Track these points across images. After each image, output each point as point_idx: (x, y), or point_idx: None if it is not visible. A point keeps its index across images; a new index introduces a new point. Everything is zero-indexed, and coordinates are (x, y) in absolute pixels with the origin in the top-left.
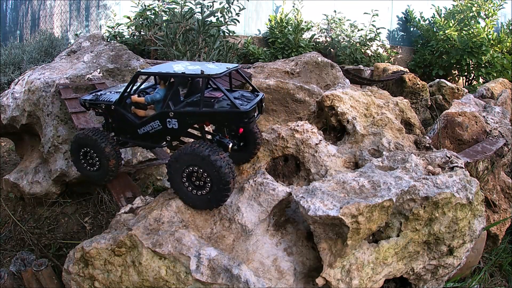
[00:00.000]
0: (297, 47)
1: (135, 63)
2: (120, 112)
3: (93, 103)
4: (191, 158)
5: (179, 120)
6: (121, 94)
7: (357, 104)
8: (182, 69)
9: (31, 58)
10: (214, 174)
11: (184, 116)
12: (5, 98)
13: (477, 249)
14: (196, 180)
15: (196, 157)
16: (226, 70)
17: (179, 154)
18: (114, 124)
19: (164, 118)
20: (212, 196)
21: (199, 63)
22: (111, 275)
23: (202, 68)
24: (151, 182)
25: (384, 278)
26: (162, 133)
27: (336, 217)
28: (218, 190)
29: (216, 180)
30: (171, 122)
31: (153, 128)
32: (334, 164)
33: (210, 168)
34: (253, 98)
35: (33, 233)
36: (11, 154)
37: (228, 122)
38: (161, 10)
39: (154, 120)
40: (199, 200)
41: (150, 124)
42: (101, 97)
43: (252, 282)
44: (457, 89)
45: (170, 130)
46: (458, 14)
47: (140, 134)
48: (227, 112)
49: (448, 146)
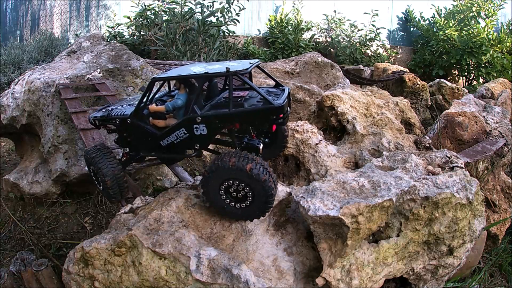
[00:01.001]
0: (297, 47)
1: (135, 63)
2: (138, 125)
3: (105, 119)
4: (230, 172)
5: (208, 125)
6: (137, 104)
7: (357, 104)
8: (203, 70)
9: (31, 58)
10: (258, 189)
11: (214, 119)
12: (5, 98)
13: (477, 249)
14: (234, 192)
15: (236, 171)
16: (251, 65)
17: (216, 168)
18: (131, 139)
19: (190, 124)
20: (255, 208)
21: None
22: (111, 275)
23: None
24: (151, 182)
25: (384, 278)
26: (190, 141)
27: (336, 217)
28: (261, 202)
29: (260, 194)
30: (199, 128)
31: (178, 138)
32: (334, 164)
33: (254, 183)
34: (280, 93)
35: (33, 233)
36: (11, 154)
37: (262, 121)
38: (161, 10)
39: (180, 128)
40: (239, 212)
41: (175, 134)
42: (113, 112)
43: (252, 282)
44: (457, 89)
45: (199, 137)
46: (458, 14)
47: (163, 146)
48: (261, 109)
49: (448, 146)
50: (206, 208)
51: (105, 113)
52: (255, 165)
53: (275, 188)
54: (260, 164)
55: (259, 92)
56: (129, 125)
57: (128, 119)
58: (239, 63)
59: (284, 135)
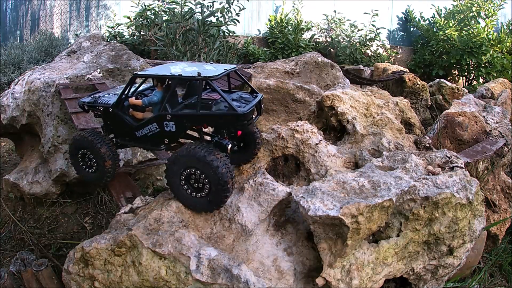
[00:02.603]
0: (297, 47)
1: (135, 63)
2: (118, 114)
3: (91, 105)
4: (187, 160)
5: (177, 123)
6: (118, 96)
7: (357, 104)
8: (179, 71)
9: (31, 58)
10: (212, 175)
11: (182, 118)
12: (5, 98)
13: (477, 249)
14: (194, 182)
15: (192, 158)
16: (224, 71)
17: (176, 157)
18: (113, 127)
19: (161, 121)
20: (211, 198)
21: (197, 64)
22: (111, 275)
23: (199, 70)
24: (151, 182)
25: (384, 278)
26: (160, 136)
27: (336, 217)
28: (216, 191)
29: (214, 181)
30: (168, 125)
31: (150, 131)
32: (334, 164)
33: (207, 169)
34: (251, 100)
35: (33, 233)
36: (11, 154)
37: (226, 125)
38: (161, 10)
39: (152, 123)
40: (198, 202)
41: (148, 127)
42: (99, 100)
43: (252, 282)
44: (457, 89)
45: (168, 133)
46: (458, 14)
47: (138, 137)
48: (224, 114)
49: (448, 146)
50: None
51: (92, 100)
52: (209, 152)
53: (231, 179)
54: (213, 152)
55: (225, 98)
56: (111, 114)
57: (110, 108)
58: (215, 67)
59: (256, 142)
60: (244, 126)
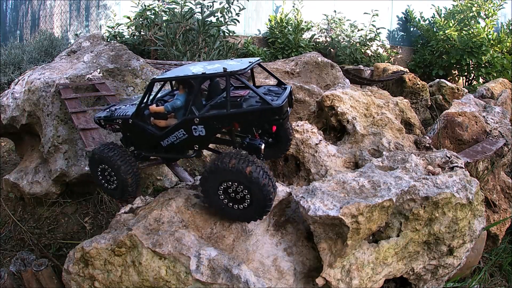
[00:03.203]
0: (297, 47)
1: (135, 63)
2: (139, 125)
3: (108, 119)
4: (224, 173)
5: (206, 125)
6: (137, 105)
7: (357, 104)
8: (201, 70)
9: (31, 58)
10: (256, 192)
11: (211, 120)
12: (5, 98)
13: (477, 249)
14: (234, 194)
15: (229, 172)
16: (250, 64)
17: (215, 169)
18: (134, 139)
19: (189, 125)
20: (254, 209)
21: (217, 62)
22: (111, 275)
23: (223, 66)
24: (151, 182)
25: (384, 278)
26: (189, 142)
27: (336, 217)
28: (259, 205)
29: (255, 194)
30: (197, 129)
31: (177, 138)
32: (334, 164)
33: (246, 182)
34: (281, 92)
35: (33, 233)
36: (11, 154)
37: (260, 121)
38: (161, 10)
39: (178, 129)
40: (238, 213)
41: (174, 135)
42: (116, 112)
43: (252, 282)
44: (457, 89)
45: (197, 138)
46: (458, 14)
47: (164, 147)
48: (259, 110)
49: (448, 146)
50: (206, 208)
51: (108, 113)
52: (255, 168)
53: (274, 192)
54: (260, 167)
55: (257, 92)
56: (130, 126)
57: (130, 120)
58: (238, 62)
59: (288, 136)
60: (280, 120)
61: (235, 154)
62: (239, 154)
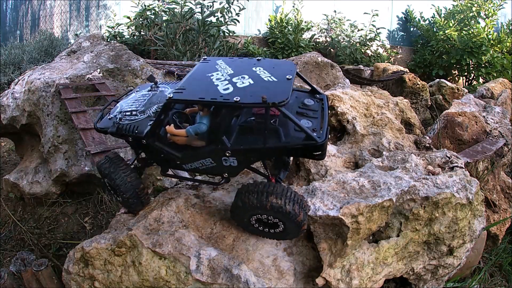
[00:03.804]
0: (297, 47)
1: (135, 63)
2: (155, 145)
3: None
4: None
5: (239, 158)
6: (152, 125)
7: (357, 104)
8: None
9: (31, 58)
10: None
11: (246, 153)
12: (5, 98)
13: (477, 249)
14: (266, 221)
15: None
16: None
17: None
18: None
19: (219, 156)
20: (288, 232)
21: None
22: (111, 275)
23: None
24: (151, 182)
25: (384, 278)
26: (217, 170)
27: (336, 217)
28: (293, 228)
29: (288, 222)
30: (228, 160)
31: (204, 165)
32: (334, 164)
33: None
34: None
35: (33, 233)
36: (11, 154)
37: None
38: (161, 10)
39: (205, 158)
40: (276, 236)
41: (200, 162)
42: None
43: (252, 282)
44: (457, 89)
45: (228, 168)
46: (458, 14)
47: (186, 169)
48: (301, 147)
49: (448, 146)
50: (206, 208)
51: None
52: (274, 200)
53: (304, 212)
54: (280, 195)
55: (301, 126)
56: (144, 145)
57: (143, 140)
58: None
59: None
60: (321, 156)
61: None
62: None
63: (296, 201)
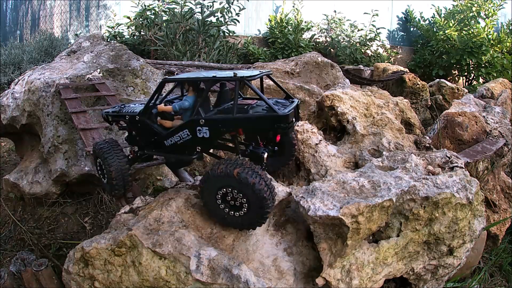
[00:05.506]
0: (297, 47)
1: (135, 63)
2: (145, 123)
3: (116, 115)
4: (221, 178)
5: (211, 128)
6: (146, 103)
7: (357, 104)
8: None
9: (31, 58)
10: (249, 193)
11: (217, 123)
12: (5, 98)
13: (477, 249)
14: (231, 201)
15: (226, 176)
16: (260, 73)
17: (207, 177)
18: (139, 137)
19: (194, 126)
20: (253, 215)
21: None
22: (111, 275)
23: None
24: (151, 182)
25: (384, 278)
26: (192, 143)
27: (336, 217)
28: (255, 209)
29: (252, 199)
30: (201, 131)
31: (181, 139)
32: (334, 164)
33: (243, 187)
34: (288, 104)
35: (33, 233)
36: (11, 154)
37: (265, 129)
38: (161, 10)
39: (183, 129)
40: (240, 221)
41: (179, 134)
42: (124, 109)
43: (252, 282)
44: (457, 89)
45: (201, 140)
46: (458, 14)
47: (167, 146)
48: (264, 116)
49: (448, 146)
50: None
51: (117, 109)
52: (242, 169)
53: (270, 192)
54: (248, 168)
55: (265, 100)
56: (137, 122)
57: (137, 116)
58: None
59: (293, 144)
60: (285, 129)
61: (225, 160)
62: (229, 160)
63: (263, 178)
